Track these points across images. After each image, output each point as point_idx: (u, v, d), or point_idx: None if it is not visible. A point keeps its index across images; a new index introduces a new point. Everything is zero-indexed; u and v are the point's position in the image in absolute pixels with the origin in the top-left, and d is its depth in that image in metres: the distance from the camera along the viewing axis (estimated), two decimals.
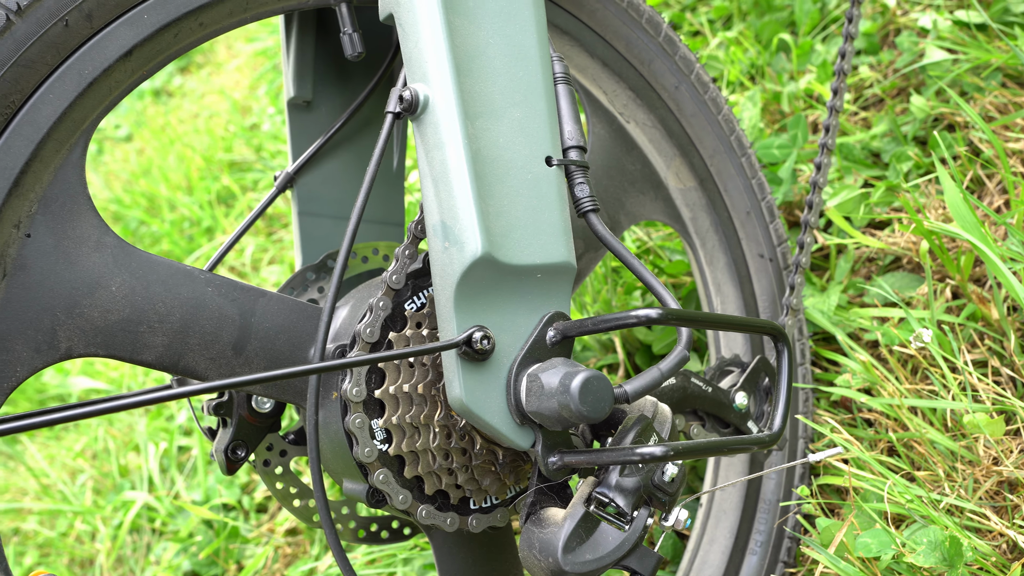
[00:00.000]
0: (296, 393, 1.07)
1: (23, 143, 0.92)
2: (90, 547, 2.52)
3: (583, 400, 0.92)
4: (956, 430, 1.39)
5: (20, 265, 0.93)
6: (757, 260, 1.50)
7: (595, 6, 1.31)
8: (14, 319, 0.93)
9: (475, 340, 0.95)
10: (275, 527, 2.18)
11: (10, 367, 0.93)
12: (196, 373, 1.02)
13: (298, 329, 1.07)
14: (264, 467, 1.24)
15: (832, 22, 2.23)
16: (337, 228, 1.35)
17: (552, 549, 0.95)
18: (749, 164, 1.48)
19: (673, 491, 1.01)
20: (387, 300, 1.06)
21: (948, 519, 1.25)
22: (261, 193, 3.32)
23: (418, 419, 1.06)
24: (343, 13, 1.13)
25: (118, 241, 0.99)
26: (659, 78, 1.39)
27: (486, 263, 0.96)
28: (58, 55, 0.94)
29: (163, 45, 1.02)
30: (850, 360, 1.52)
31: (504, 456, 1.10)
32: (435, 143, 0.97)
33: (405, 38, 1.00)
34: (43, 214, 0.95)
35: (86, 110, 0.97)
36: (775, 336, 1.10)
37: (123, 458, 2.71)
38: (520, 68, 1.04)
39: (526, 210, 1.00)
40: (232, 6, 1.05)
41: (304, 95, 1.31)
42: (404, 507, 1.06)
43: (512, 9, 1.04)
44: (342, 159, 1.35)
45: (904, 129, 1.85)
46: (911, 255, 1.67)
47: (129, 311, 0.99)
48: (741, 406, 1.30)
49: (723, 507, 1.47)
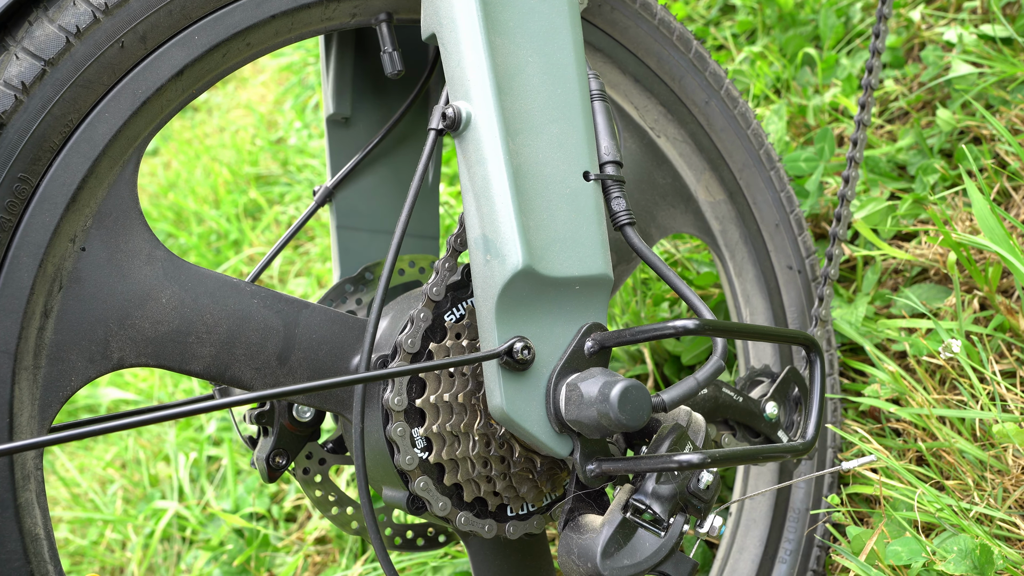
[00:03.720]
0: (338, 402, 1.10)
1: (80, 160, 0.95)
2: (121, 555, 2.55)
3: (622, 408, 0.94)
4: (985, 440, 1.40)
5: (75, 278, 0.97)
6: (786, 272, 1.51)
7: (627, 23, 1.33)
8: (69, 330, 0.96)
9: (516, 350, 0.98)
10: (304, 536, 2.21)
11: (65, 377, 0.96)
12: (242, 383, 1.05)
13: (340, 340, 1.10)
14: (304, 475, 1.26)
15: (856, 36, 2.25)
16: (373, 241, 1.38)
17: (591, 554, 0.97)
18: (778, 177, 1.50)
19: (708, 498, 1.03)
20: (427, 311, 1.08)
21: (978, 528, 1.26)
22: (288, 206, 3.36)
23: (458, 428, 1.08)
24: (383, 32, 1.16)
25: (168, 254, 1.03)
26: (689, 93, 1.41)
27: (527, 275, 0.98)
28: (114, 75, 0.97)
29: (212, 65, 1.05)
30: (878, 371, 1.54)
31: (542, 464, 1.13)
32: (477, 159, 1.00)
33: (448, 57, 1.03)
34: (97, 228, 0.98)
35: (139, 128, 1.00)
36: (808, 346, 1.11)
37: (153, 468, 2.75)
38: (558, 85, 1.06)
39: (565, 224, 1.03)
40: (278, 26, 1.08)
41: (343, 111, 1.34)
42: (444, 514, 1.09)
43: (551, 28, 1.07)
44: (379, 174, 1.38)
45: (930, 142, 1.86)
46: (938, 267, 1.68)
47: (178, 322, 1.02)
48: (771, 416, 1.31)
49: (752, 516, 1.48)
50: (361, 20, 1.16)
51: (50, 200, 0.93)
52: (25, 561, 0.90)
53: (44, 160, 0.93)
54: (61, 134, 0.94)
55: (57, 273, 0.95)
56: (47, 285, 0.94)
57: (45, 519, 0.93)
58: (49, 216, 0.93)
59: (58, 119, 0.93)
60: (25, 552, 0.90)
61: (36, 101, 0.91)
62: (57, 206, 0.93)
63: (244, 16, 1.05)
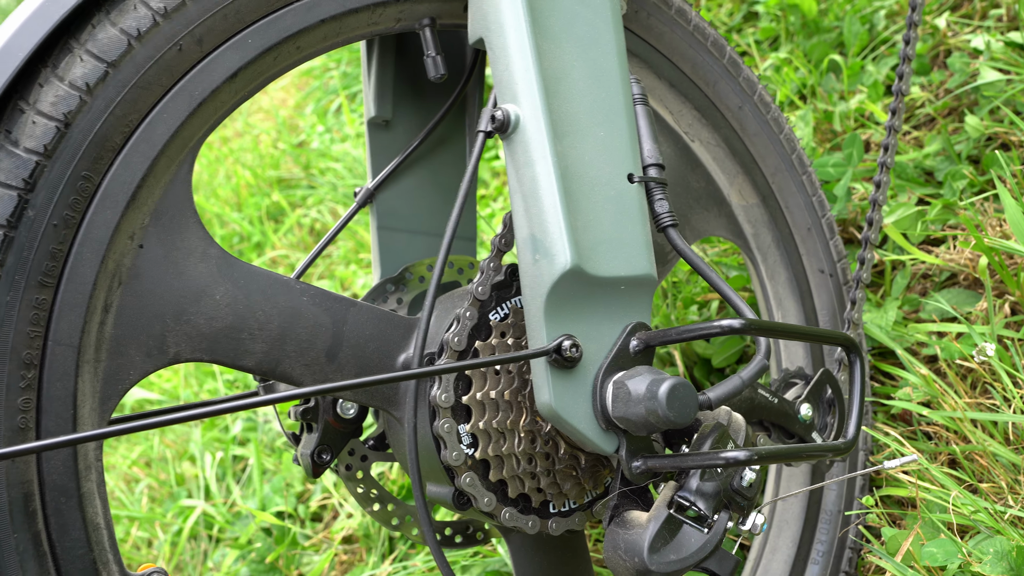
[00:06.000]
0: (384, 399, 1.12)
1: (140, 159, 0.97)
2: (147, 553, 2.58)
3: (670, 406, 0.96)
4: (1018, 443, 1.42)
5: (134, 274, 0.99)
6: (817, 275, 1.53)
7: (663, 29, 1.35)
8: (128, 325, 0.98)
9: (565, 348, 0.99)
10: (331, 535, 2.23)
11: (124, 371, 0.98)
12: (292, 378, 1.07)
13: (386, 337, 1.12)
14: (346, 471, 1.28)
15: (881, 43, 2.27)
16: (413, 242, 1.40)
17: (638, 549, 0.98)
18: (810, 182, 1.52)
19: (751, 495, 1.04)
20: (473, 310, 1.10)
21: (1014, 531, 1.27)
22: (310, 209, 3.39)
23: (504, 424, 1.10)
24: (427, 37, 1.18)
25: (221, 252, 1.05)
26: (723, 99, 1.43)
27: (575, 275, 1.00)
28: (172, 77, 0.99)
29: (264, 67, 1.07)
30: (909, 374, 1.55)
31: (586, 461, 1.14)
32: (525, 161, 1.02)
33: (496, 61, 1.05)
34: (154, 226, 1.01)
35: (194, 128, 1.02)
36: (848, 347, 1.13)
37: (178, 468, 2.77)
38: (602, 89, 1.08)
39: (611, 225, 1.04)
40: (326, 31, 1.11)
41: (384, 114, 1.36)
42: (489, 509, 1.10)
43: (595, 34, 1.09)
44: (418, 175, 1.41)
45: (957, 148, 1.88)
46: (968, 271, 1.69)
47: (232, 319, 1.04)
48: (806, 417, 1.33)
49: (785, 517, 1.49)
50: (405, 25, 1.18)
51: (112, 198, 0.95)
52: (88, 549, 0.92)
53: (106, 159, 0.95)
54: (122, 134, 0.96)
55: (117, 269, 0.97)
56: (108, 281, 0.96)
57: (105, 509, 0.95)
58: (111, 213, 0.95)
59: (120, 119, 0.95)
60: (88, 540, 0.92)
61: (99, 102, 0.94)
62: (118, 204, 0.96)
63: (295, 20, 1.07)
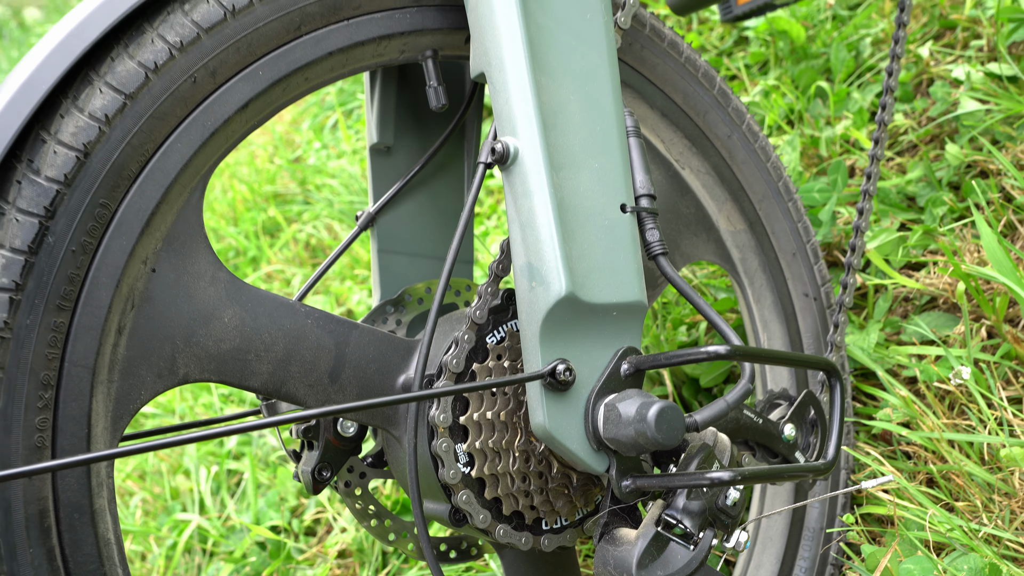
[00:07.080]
0: (384, 419, 1.16)
1: (154, 187, 1.01)
2: (141, 566, 2.60)
3: (659, 428, 1.00)
4: (993, 463, 1.47)
5: (146, 297, 1.03)
6: (802, 299, 1.58)
7: (656, 61, 1.41)
8: (140, 346, 1.02)
9: (559, 372, 1.04)
10: (325, 549, 2.26)
11: (135, 391, 1.02)
12: (295, 398, 1.12)
13: (386, 359, 1.16)
14: (345, 488, 1.32)
15: (867, 70, 2.33)
16: (412, 265, 1.45)
17: (627, 565, 1.03)
18: (795, 208, 1.57)
19: (735, 514, 1.09)
20: (471, 333, 1.15)
21: (987, 548, 1.32)
22: (306, 224, 3.43)
23: (499, 444, 1.14)
24: (429, 68, 1.23)
25: (230, 276, 1.09)
26: (713, 128, 1.48)
27: (569, 302, 1.05)
28: (186, 108, 1.04)
29: (273, 98, 1.12)
30: (890, 395, 1.60)
31: (577, 480, 1.19)
32: (523, 191, 1.07)
33: (496, 95, 1.10)
34: (167, 251, 1.05)
35: (206, 157, 1.07)
36: (828, 371, 1.18)
37: (173, 481, 2.80)
38: (598, 123, 1.13)
39: (604, 253, 1.09)
40: (334, 63, 1.15)
41: (386, 141, 1.41)
42: (484, 526, 1.15)
43: (591, 69, 1.14)
44: (418, 200, 1.45)
45: (938, 175, 1.94)
46: (947, 296, 1.75)
47: (239, 340, 1.08)
48: (790, 437, 1.37)
49: (769, 534, 1.54)
50: (409, 56, 1.23)
51: (127, 224, 0.99)
52: (99, 564, 0.96)
53: (122, 187, 0.99)
54: (138, 163, 1.00)
55: (131, 293, 1.01)
56: (122, 304, 1.00)
57: (115, 525, 0.99)
58: (126, 240, 0.99)
59: (136, 149, 1.00)
60: (100, 556, 0.96)
61: (117, 132, 0.98)
62: (133, 230, 1.00)
63: (304, 52, 1.11)
